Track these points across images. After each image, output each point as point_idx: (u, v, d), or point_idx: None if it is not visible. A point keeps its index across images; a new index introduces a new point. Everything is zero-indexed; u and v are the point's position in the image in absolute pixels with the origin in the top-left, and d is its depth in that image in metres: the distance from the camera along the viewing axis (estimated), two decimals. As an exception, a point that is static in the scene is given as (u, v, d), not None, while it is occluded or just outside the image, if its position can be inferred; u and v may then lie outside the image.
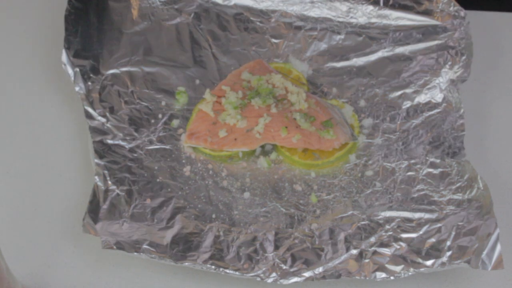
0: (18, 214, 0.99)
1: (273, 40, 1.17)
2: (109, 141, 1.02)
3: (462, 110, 1.05)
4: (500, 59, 1.19)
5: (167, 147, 1.05)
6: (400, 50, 1.14)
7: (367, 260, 0.91)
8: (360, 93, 1.12)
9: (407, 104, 1.09)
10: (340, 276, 0.90)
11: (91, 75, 1.08)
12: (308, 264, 0.91)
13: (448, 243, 0.92)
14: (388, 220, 0.96)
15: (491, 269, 0.88)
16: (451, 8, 1.14)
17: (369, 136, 1.07)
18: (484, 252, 0.89)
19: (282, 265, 0.91)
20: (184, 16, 1.18)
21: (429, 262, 0.90)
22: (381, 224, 0.95)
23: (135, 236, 0.92)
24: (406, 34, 1.15)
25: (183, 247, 0.92)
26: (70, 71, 1.07)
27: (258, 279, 0.90)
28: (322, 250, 0.93)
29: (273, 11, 1.19)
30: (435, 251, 0.91)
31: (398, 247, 0.92)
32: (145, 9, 1.18)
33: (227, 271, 0.90)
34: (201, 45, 1.16)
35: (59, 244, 0.96)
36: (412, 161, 1.02)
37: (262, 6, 1.20)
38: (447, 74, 1.10)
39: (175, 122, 1.08)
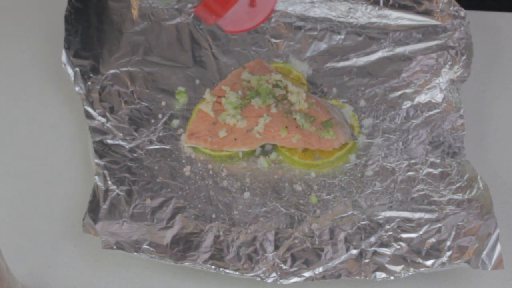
0: (18, 214, 0.99)
1: (273, 40, 1.17)
2: (109, 141, 1.02)
3: (462, 110, 1.05)
4: (500, 59, 1.18)
5: (167, 147, 1.05)
6: (400, 50, 1.14)
7: (367, 260, 0.91)
8: (360, 93, 1.12)
9: (407, 104, 1.09)
10: (340, 276, 0.90)
11: (91, 75, 1.08)
12: (308, 264, 0.91)
13: (448, 243, 0.91)
14: (388, 220, 0.96)
15: (491, 269, 0.88)
16: (451, 8, 1.14)
17: (369, 136, 1.07)
18: (484, 252, 0.89)
19: (282, 265, 0.91)
20: (184, 16, 1.18)
21: (429, 262, 0.90)
22: (381, 224, 0.95)
23: (135, 236, 0.92)
24: (406, 34, 1.15)
25: (183, 247, 0.92)
26: (70, 71, 1.07)
27: (258, 279, 0.90)
28: (322, 250, 0.93)
29: (273, 11, 1.19)
30: (435, 251, 0.91)
31: (398, 247, 0.92)
32: (145, 9, 1.18)
33: (227, 271, 0.90)
34: (201, 45, 1.16)
35: (59, 244, 0.96)
36: (412, 161, 1.02)
37: (262, 6, 1.20)
38: (447, 74, 1.09)
39: (175, 122, 1.08)
